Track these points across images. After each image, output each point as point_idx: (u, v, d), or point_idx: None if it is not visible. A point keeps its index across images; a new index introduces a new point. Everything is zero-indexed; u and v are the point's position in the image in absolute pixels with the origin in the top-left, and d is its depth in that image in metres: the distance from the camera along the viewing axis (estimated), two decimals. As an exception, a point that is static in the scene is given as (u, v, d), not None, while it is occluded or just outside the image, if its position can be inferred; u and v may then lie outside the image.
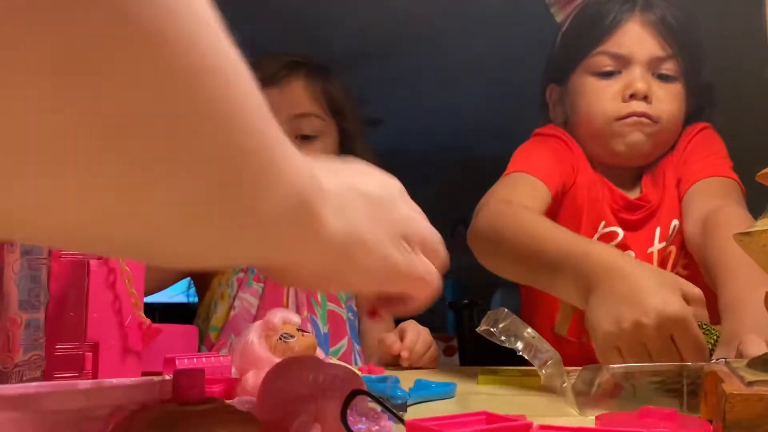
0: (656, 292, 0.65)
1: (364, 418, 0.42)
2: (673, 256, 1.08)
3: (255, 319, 1.19)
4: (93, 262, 0.67)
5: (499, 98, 3.78)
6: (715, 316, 0.79)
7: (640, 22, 1.03)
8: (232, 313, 1.21)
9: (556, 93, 1.15)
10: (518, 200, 0.96)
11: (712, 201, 0.98)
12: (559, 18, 1.13)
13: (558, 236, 0.83)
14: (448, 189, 5.96)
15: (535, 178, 1.02)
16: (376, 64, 3.60)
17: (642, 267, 0.72)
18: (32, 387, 0.48)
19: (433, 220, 0.47)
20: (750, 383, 0.46)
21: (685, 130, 1.11)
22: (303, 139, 1.22)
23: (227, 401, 0.42)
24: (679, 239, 1.08)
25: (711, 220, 0.93)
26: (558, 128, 1.15)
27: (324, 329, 1.22)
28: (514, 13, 2.78)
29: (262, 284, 1.23)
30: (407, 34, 3.35)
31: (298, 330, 0.67)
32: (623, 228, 1.09)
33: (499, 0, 2.70)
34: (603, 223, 1.08)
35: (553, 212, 1.06)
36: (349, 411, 0.40)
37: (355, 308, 1.30)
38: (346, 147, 1.29)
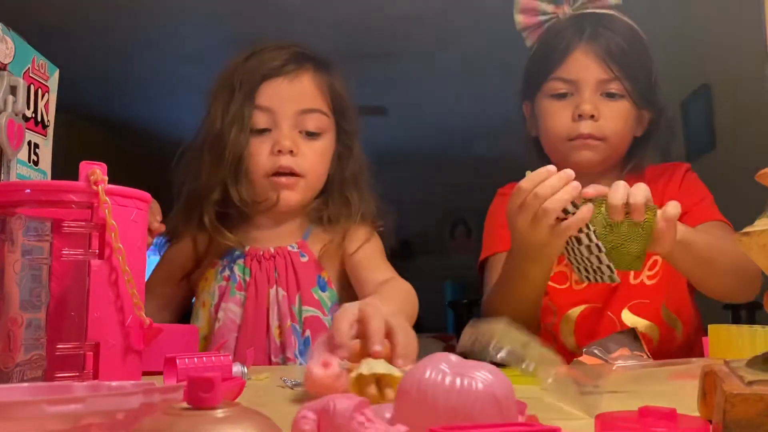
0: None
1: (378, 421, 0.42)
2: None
3: (239, 329, 1.17)
4: (94, 262, 0.67)
5: (499, 99, 3.77)
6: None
7: (585, 50, 1.18)
8: (217, 325, 1.17)
9: (529, 109, 1.29)
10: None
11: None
12: (528, 43, 1.27)
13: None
14: (448, 189, 5.97)
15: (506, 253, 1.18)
16: (376, 64, 3.60)
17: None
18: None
19: (433, 220, 0.47)
20: (750, 383, 0.46)
21: (663, 165, 1.27)
22: (307, 136, 1.19)
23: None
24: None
25: None
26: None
27: (304, 334, 1.18)
28: (513, 14, 2.78)
29: (244, 293, 1.19)
30: (407, 34, 3.35)
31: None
32: None
33: (498, 1, 2.70)
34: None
35: None
36: (361, 414, 0.40)
37: None
38: (343, 147, 1.26)
